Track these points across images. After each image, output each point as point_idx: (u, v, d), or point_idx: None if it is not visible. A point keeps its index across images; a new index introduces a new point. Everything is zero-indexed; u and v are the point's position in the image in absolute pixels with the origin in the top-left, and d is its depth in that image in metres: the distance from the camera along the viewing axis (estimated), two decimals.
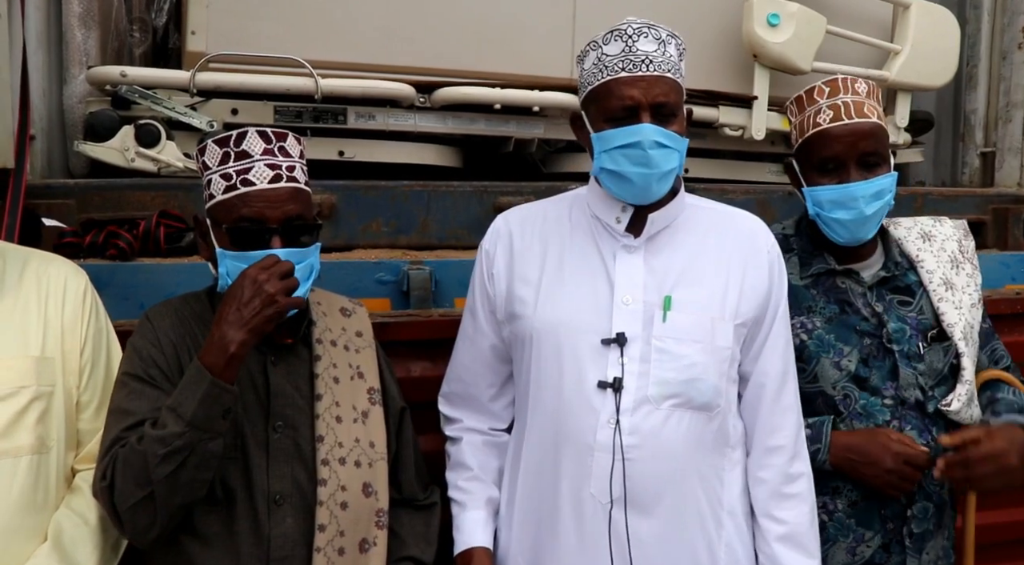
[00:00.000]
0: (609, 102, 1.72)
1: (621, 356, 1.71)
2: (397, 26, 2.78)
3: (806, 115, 2.00)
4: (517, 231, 1.88)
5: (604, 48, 1.74)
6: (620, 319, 1.73)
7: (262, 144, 1.72)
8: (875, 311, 1.99)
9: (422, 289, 2.31)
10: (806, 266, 2.03)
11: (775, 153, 3.37)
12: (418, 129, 2.88)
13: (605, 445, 1.69)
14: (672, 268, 1.78)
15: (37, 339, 1.68)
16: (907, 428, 1.93)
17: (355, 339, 1.89)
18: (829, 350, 1.96)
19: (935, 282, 2.06)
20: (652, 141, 1.68)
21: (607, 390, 1.70)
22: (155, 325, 1.75)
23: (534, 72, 2.90)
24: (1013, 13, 3.43)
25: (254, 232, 1.68)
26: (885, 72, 3.23)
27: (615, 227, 1.79)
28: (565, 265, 1.81)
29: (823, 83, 2.00)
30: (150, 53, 2.96)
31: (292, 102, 2.73)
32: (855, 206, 1.93)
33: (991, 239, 3.17)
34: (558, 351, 1.75)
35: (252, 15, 2.65)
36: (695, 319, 1.75)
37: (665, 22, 1.78)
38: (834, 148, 1.95)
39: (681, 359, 1.73)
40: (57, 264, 1.79)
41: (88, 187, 2.39)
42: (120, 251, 2.21)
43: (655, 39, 1.73)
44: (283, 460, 1.72)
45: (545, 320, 1.78)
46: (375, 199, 2.58)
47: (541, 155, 3.14)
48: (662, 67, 1.71)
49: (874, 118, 1.96)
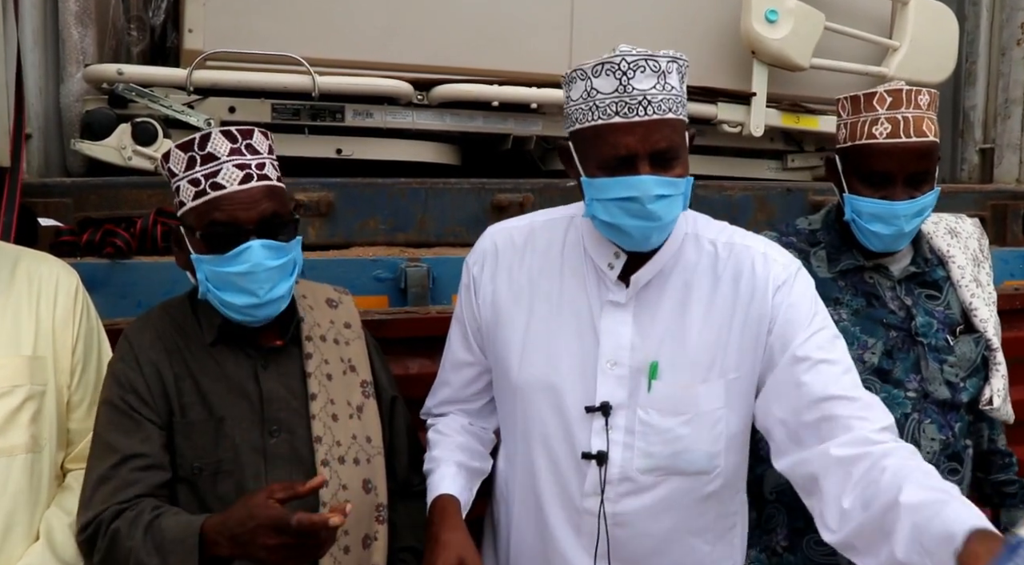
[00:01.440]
0: (602, 149, 1.53)
1: (606, 426, 1.63)
2: (395, 23, 2.78)
3: (861, 120, 1.92)
4: (505, 259, 1.75)
5: (594, 81, 1.52)
6: (604, 386, 1.63)
7: (228, 144, 1.65)
8: (904, 304, 1.98)
9: (419, 286, 2.31)
10: (834, 261, 2.01)
11: (774, 149, 3.36)
12: (416, 126, 2.87)
13: (591, 510, 1.65)
14: (660, 324, 1.65)
15: (29, 338, 1.67)
16: (926, 421, 1.94)
17: (344, 331, 1.86)
18: (853, 342, 1.94)
19: (967, 278, 2.06)
20: (652, 195, 1.51)
21: (591, 461, 1.63)
22: (134, 344, 1.71)
23: (532, 69, 2.90)
24: (1012, 9, 3.43)
25: (229, 235, 1.62)
26: (884, 68, 3.23)
27: (607, 273, 1.66)
28: (552, 315, 1.69)
29: (885, 91, 1.90)
30: (147, 51, 2.95)
31: (289, 100, 2.73)
32: (896, 223, 1.90)
33: (990, 235, 3.14)
34: (543, 413, 1.68)
35: (249, 13, 2.65)
36: (678, 391, 1.64)
37: (662, 18, 1.74)
38: (886, 165, 1.88)
39: (665, 433, 1.63)
40: (48, 263, 1.79)
41: (85, 185, 2.38)
42: (117, 249, 2.20)
43: (653, 72, 1.51)
44: (280, 466, 1.69)
45: (530, 380, 1.69)
46: (373, 196, 2.57)
47: (539, 152, 3.14)
48: (662, 108, 1.51)
49: (931, 136, 1.89)
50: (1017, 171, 3.40)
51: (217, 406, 1.68)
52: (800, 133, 3.28)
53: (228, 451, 1.67)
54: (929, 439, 1.93)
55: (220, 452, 1.66)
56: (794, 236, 2.08)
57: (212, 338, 1.72)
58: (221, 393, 1.69)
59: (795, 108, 3.21)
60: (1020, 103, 3.43)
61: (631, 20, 2.91)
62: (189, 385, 1.69)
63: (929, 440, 1.93)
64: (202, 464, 1.66)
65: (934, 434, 1.93)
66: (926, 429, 1.94)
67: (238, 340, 1.73)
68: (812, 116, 3.19)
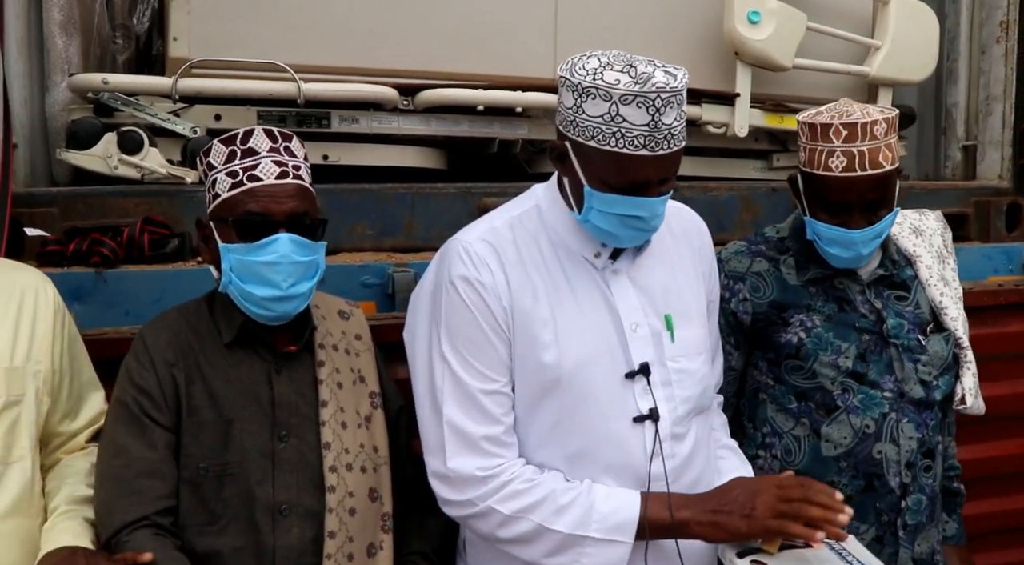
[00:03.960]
0: (619, 174, 1.56)
1: (648, 385, 1.68)
2: (379, 29, 2.78)
3: (818, 149, 1.92)
4: (506, 257, 1.70)
5: (622, 108, 1.50)
6: (637, 349, 1.69)
7: (268, 142, 1.73)
8: (874, 307, 2.01)
9: (407, 291, 2.29)
10: (803, 270, 2.05)
11: (758, 149, 3.38)
12: (402, 132, 2.88)
13: (657, 475, 1.66)
14: (657, 284, 1.75)
15: (6, 349, 1.66)
16: (904, 420, 1.96)
17: (355, 342, 1.89)
18: (827, 348, 1.98)
19: (934, 277, 2.09)
20: (656, 214, 1.61)
21: (644, 422, 1.67)
22: (149, 344, 1.74)
23: (517, 73, 2.91)
24: (991, 8, 3.46)
25: (260, 225, 1.68)
26: (866, 67, 3.25)
27: (595, 261, 1.71)
28: (568, 297, 1.69)
29: (841, 124, 1.88)
30: (133, 60, 2.95)
31: (275, 107, 2.73)
32: (853, 248, 1.94)
33: (973, 232, 3.18)
34: (585, 393, 1.67)
35: (234, 20, 2.65)
36: (694, 330, 1.77)
37: (645, 20, 1.76)
38: (842, 196, 1.90)
39: (695, 373, 1.75)
40: (24, 272, 1.79)
41: (71, 195, 2.38)
42: (104, 258, 2.20)
43: (678, 105, 1.54)
44: (288, 470, 1.71)
45: (572, 364, 1.66)
46: (359, 202, 2.58)
47: (525, 156, 3.15)
48: (679, 139, 1.56)
49: (888, 165, 1.89)
50: (999, 167, 3.43)
51: (227, 408, 1.70)
52: (784, 133, 3.30)
53: (236, 454, 1.69)
54: (907, 438, 1.96)
55: (228, 454, 1.68)
56: (763, 244, 2.11)
57: (230, 338, 1.74)
58: (232, 396, 1.71)
59: (779, 108, 3.23)
60: (1001, 100, 3.45)
61: (614, 23, 2.92)
62: (200, 387, 1.71)
63: (907, 439, 1.96)
64: (208, 465, 1.68)
65: (912, 432, 1.96)
66: (904, 428, 1.96)
67: (254, 343, 1.75)
68: (796, 116, 3.20)
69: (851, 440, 1.96)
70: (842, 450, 1.97)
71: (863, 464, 1.97)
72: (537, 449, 1.69)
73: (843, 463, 1.98)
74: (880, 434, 1.95)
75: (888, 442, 1.95)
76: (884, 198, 1.92)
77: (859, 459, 1.97)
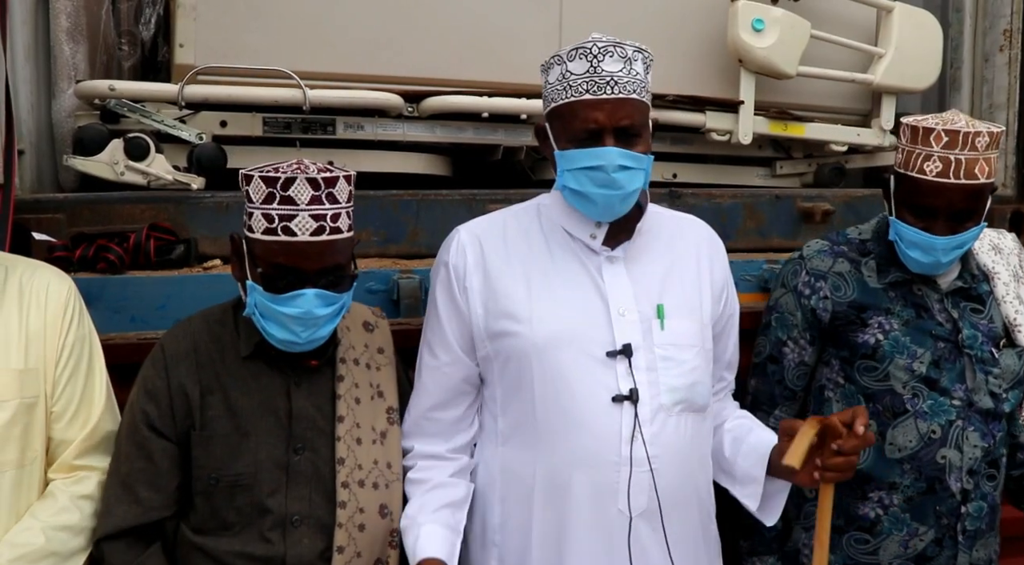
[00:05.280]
0: (573, 123, 1.71)
1: (630, 367, 1.71)
2: (385, 36, 2.79)
3: (916, 152, 1.94)
4: (488, 245, 1.84)
5: (569, 65, 1.72)
6: (621, 330, 1.73)
7: (310, 191, 1.66)
8: (951, 317, 2.04)
9: (412, 298, 2.31)
10: (883, 273, 2.06)
11: (762, 157, 3.38)
12: (407, 138, 2.88)
13: (633, 459, 1.68)
14: (654, 276, 1.80)
15: (20, 350, 1.67)
16: (970, 429, 1.99)
17: (377, 356, 1.89)
18: (903, 352, 2.00)
19: (1010, 294, 2.12)
20: (616, 165, 1.68)
21: (623, 403, 1.69)
22: (167, 353, 1.76)
23: (521, 80, 2.91)
24: (994, 16, 3.46)
25: (288, 280, 1.66)
26: (870, 75, 3.25)
27: (591, 243, 1.80)
28: (552, 279, 1.79)
29: (944, 130, 1.90)
30: (139, 66, 2.96)
31: (281, 113, 2.73)
32: (933, 254, 1.95)
33: None
34: (561, 366, 1.72)
35: (240, 27, 2.66)
36: (689, 325, 1.79)
37: (650, 29, 1.81)
38: (931, 201, 1.92)
39: (684, 364, 1.76)
40: (41, 271, 1.78)
41: (78, 201, 2.39)
42: (110, 264, 2.21)
43: (620, 58, 1.71)
44: (302, 482, 1.72)
45: (545, 335, 1.74)
46: (364, 208, 2.57)
47: (530, 162, 3.16)
48: (627, 88, 1.70)
49: (983, 178, 1.90)
50: (1003, 175, 3.42)
51: (244, 420, 1.71)
52: (788, 140, 3.30)
53: (249, 466, 1.69)
54: (972, 446, 1.98)
55: (240, 466, 1.69)
56: (845, 245, 2.12)
57: (248, 352, 1.74)
58: (250, 407, 1.72)
59: (783, 115, 3.23)
60: (1004, 108, 3.45)
61: (618, 30, 2.90)
62: (218, 398, 1.72)
63: (972, 447, 1.98)
64: (219, 476, 1.69)
65: (977, 441, 1.98)
66: (969, 436, 1.98)
67: (274, 357, 1.75)
68: (799, 123, 3.21)
69: (916, 444, 1.99)
70: (907, 453, 2.00)
71: (926, 467, 1.99)
72: (511, 435, 1.79)
73: (906, 465, 2.00)
74: (945, 440, 1.98)
75: (953, 448, 1.98)
76: (973, 210, 1.93)
77: (923, 463, 1.99)
